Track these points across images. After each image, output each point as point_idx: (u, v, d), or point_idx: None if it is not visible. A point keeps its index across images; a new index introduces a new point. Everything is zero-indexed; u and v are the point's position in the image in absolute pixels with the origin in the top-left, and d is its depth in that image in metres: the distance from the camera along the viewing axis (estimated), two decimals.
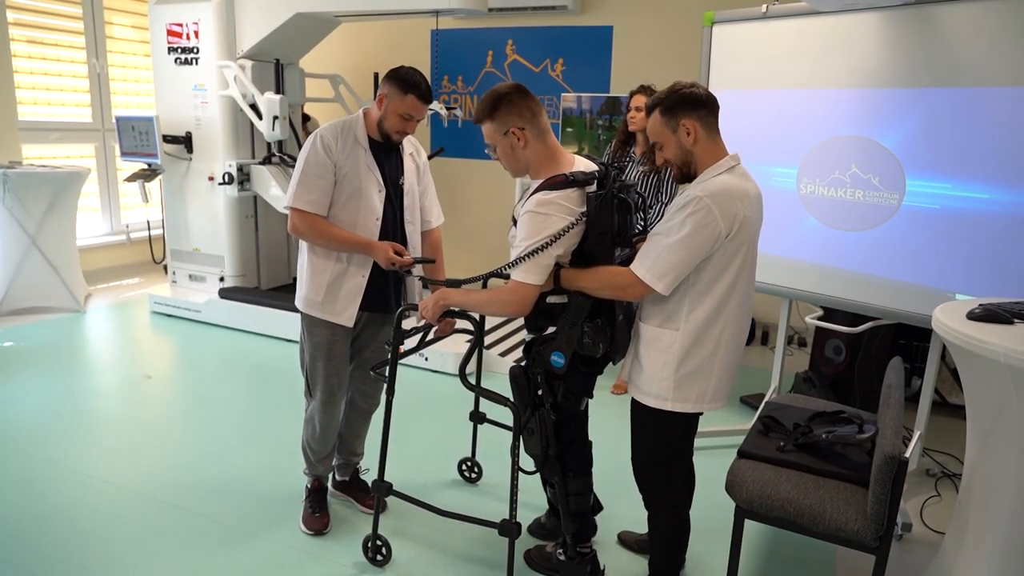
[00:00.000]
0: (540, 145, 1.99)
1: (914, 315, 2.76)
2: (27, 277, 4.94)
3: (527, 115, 1.96)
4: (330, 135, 2.36)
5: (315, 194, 2.35)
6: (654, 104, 1.90)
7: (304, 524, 2.60)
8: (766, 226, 3.22)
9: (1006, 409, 1.76)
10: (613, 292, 1.93)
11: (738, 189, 1.85)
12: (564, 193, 1.91)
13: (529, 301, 1.93)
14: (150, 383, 3.94)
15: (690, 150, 1.89)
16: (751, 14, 3.14)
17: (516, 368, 2.07)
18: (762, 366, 4.44)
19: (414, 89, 2.31)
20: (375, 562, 2.40)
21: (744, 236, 1.87)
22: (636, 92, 3.63)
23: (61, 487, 2.82)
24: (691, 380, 1.93)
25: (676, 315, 1.91)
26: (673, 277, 1.84)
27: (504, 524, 2.12)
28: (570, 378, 2.02)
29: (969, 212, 2.59)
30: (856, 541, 1.88)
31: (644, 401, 1.99)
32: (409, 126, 2.38)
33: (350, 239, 2.37)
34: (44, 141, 5.64)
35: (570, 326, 1.94)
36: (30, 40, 5.47)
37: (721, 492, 2.13)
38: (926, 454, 3.22)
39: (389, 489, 2.34)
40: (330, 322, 2.44)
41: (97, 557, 2.40)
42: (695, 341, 1.91)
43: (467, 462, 2.99)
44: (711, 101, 1.88)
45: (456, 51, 5.91)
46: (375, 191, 2.41)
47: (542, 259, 1.89)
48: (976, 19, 2.50)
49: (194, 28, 4.72)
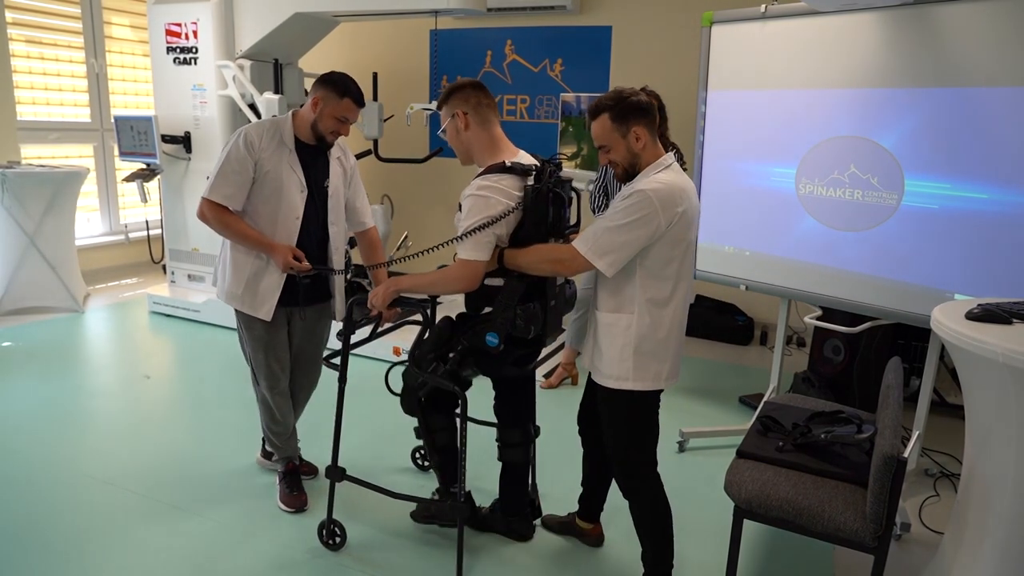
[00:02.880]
0: (483, 133, 2.18)
1: (913, 315, 2.77)
2: (26, 277, 4.93)
3: (472, 103, 2.17)
4: (255, 133, 2.46)
5: (231, 189, 2.44)
6: (601, 110, 2.03)
7: (283, 503, 2.69)
8: (765, 227, 3.25)
9: (1005, 409, 1.76)
10: (551, 266, 2.06)
11: (677, 186, 2.00)
12: (502, 178, 2.07)
13: (477, 276, 2.08)
14: (149, 383, 3.94)
15: (638, 153, 2.04)
16: (750, 14, 3.14)
17: (445, 320, 2.24)
18: (761, 366, 4.45)
19: (350, 93, 2.45)
20: (330, 546, 2.46)
21: (683, 230, 2.01)
22: None
23: (59, 487, 2.82)
24: (648, 360, 2.06)
25: (631, 300, 2.04)
26: (614, 258, 1.97)
27: (453, 503, 2.27)
28: (500, 356, 2.15)
29: (968, 212, 2.59)
30: (855, 541, 1.88)
31: (607, 384, 2.11)
32: (343, 128, 2.51)
33: (253, 237, 2.48)
34: (43, 141, 5.63)
35: (504, 308, 2.07)
36: (29, 40, 5.46)
37: (720, 492, 2.13)
38: (925, 454, 3.22)
39: (342, 474, 2.43)
40: None
41: (96, 557, 2.40)
42: (650, 323, 2.04)
43: (420, 450, 3.06)
44: (654, 108, 2.07)
45: (455, 51, 5.91)
46: (296, 191, 2.50)
47: (483, 237, 2.03)
48: (975, 19, 2.50)
49: (193, 28, 4.72)
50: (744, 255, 3.33)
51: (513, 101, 5.85)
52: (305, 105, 2.50)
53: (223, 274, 2.60)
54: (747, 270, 3.32)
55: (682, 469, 3.12)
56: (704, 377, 4.27)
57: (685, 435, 3.29)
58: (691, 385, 4.11)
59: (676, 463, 3.17)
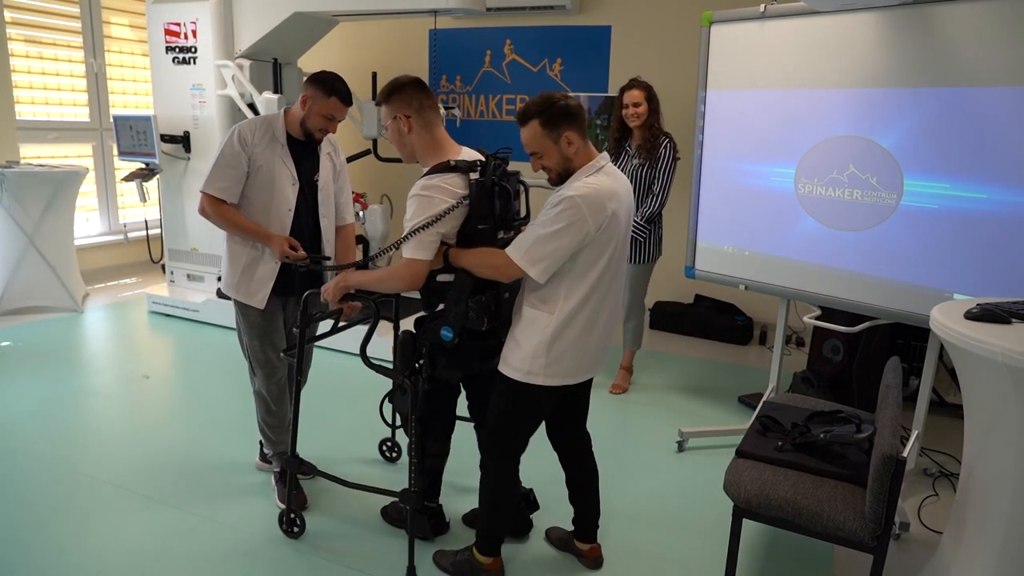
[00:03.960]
0: (426, 135, 2.21)
1: (912, 315, 2.77)
2: (25, 277, 4.93)
3: (415, 106, 2.19)
4: (248, 129, 2.56)
5: (225, 182, 2.55)
6: (530, 116, 2.05)
7: (283, 502, 2.69)
8: (765, 226, 3.25)
9: (1004, 408, 1.76)
10: (489, 271, 2.09)
11: (607, 189, 2.02)
12: (446, 177, 2.10)
13: (421, 275, 2.11)
14: (148, 383, 3.94)
15: (571, 157, 2.06)
16: (749, 14, 3.14)
17: (406, 334, 2.26)
18: (760, 366, 4.45)
19: (337, 92, 2.55)
20: (290, 534, 2.53)
21: (614, 231, 2.04)
22: (629, 88, 3.62)
23: (59, 487, 2.81)
24: (562, 358, 2.09)
25: (553, 299, 2.07)
26: (546, 265, 2.00)
27: (404, 493, 2.30)
28: (455, 351, 2.18)
29: (967, 212, 2.59)
30: (854, 540, 1.88)
31: (515, 376, 2.12)
32: (331, 126, 2.61)
33: (251, 228, 2.58)
34: (42, 141, 5.63)
35: (455, 302, 2.11)
36: (28, 39, 5.45)
37: (719, 492, 2.13)
38: (924, 454, 3.23)
39: (300, 464, 2.50)
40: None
41: (95, 557, 2.40)
42: (567, 323, 2.07)
43: (387, 442, 3.12)
44: (583, 112, 2.09)
45: (454, 51, 5.91)
46: (288, 184, 2.61)
47: (427, 236, 2.07)
48: (974, 19, 2.50)
49: (192, 27, 4.72)
50: (743, 255, 3.33)
51: (512, 101, 5.85)
52: (296, 103, 2.59)
53: (223, 266, 2.71)
54: (746, 270, 3.32)
55: (681, 469, 3.12)
56: (703, 377, 4.27)
57: (684, 435, 3.29)
58: (691, 385, 4.12)
59: (676, 463, 3.17)
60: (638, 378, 4.09)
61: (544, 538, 2.56)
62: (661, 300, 5.33)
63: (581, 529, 2.44)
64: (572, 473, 2.40)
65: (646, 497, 2.87)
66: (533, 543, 2.54)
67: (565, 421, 2.36)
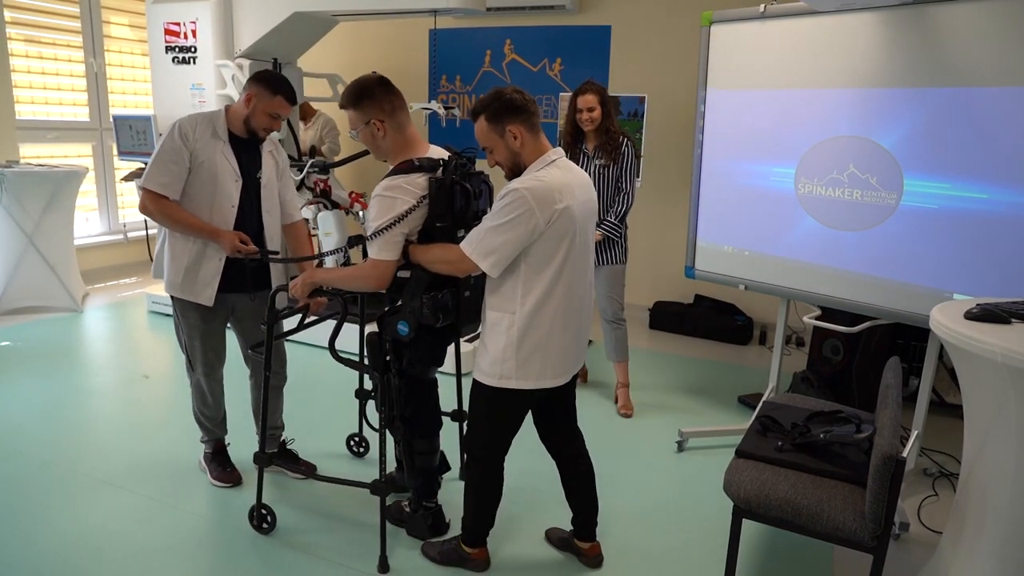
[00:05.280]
0: (399, 136, 2.23)
1: (912, 315, 2.77)
2: (24, 276, 4.93)
3: (387, 109, 2.20)
4: (188, 125, 2.56)
5: (167, 178, 2.53)
6: (478, 112, 2.06)
7: (219, 480, 2.82)
8: (765, 226, 3.25)
9: (1004, 409, 1.76)
10: (444, 266, 2.11)
11: (558, 182, 2.01)
12: (409, 178, 2.11)
13: (387, 276, 2.14)
14: (148, 382, 3.94)
15: (518, 151, 2.05)
16: (749, 14, 3.14)
17: (372, 335, 2.29)
18: (760, 366, 4.45)
19: (282, 91, 2.56)
20: (260, 529, 2.54)
21: (567, 224, 2.01)
22: (583, 92, 3.50)
23: (58, 487, 2.82)
24: (531, 360, 2.08)
25: (512, 300, 2.07)
26: (497, 258, 1.99)
27: (374, 484, 2.31)
28: (416, 346, 2.22)
29: (967, 212, 2.59)
30: (854, 541, 1.88)
31: (487, 381, 2.13)
32: (275, 124, 2.63)
33: (197, 225, 2.57)
34: (41, 140, 5.63)
35: (411, 297, 2.13)
36: (28, 39, 5.45)
37: (719, 492, 2.13)
38: (924, 454, 3.23)
39: (270, 459, 2.55)
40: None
41: (95, 557, 2.40)
42: (530, 323, 2.06)
43: (355, 437, 3.15)
44: (530, 106, 2.06)
45: (454, 50, 5.91)
46: (231, 180, 2.61)
47: (391, 237, 2.09)
48: (974, 19, 2.50)
49: (192, 27, 4.71)
50: (743, 255, 3.33)
51: None
52: (238, 101, 2.62)
53: (163, 265, 2.70)
54: (746, 270, 3.32)
55: (681, 469, 3.12)
56: (703, 377, 4.27)
57: (684, 435, 3.29)
58: (691, 385, 4.12)
59: (675, 463, 3.17)
60: (638, 378, 4.09)
61: (544, 539, 2.56)
62: (661, 300, 5.33)
63: (580, 528, 2.44)
64: (568, 473, 2.40)
65: (646, 497, 2.87)
66: (533, 544, 2.54)
67: (554, 423, 2.36)
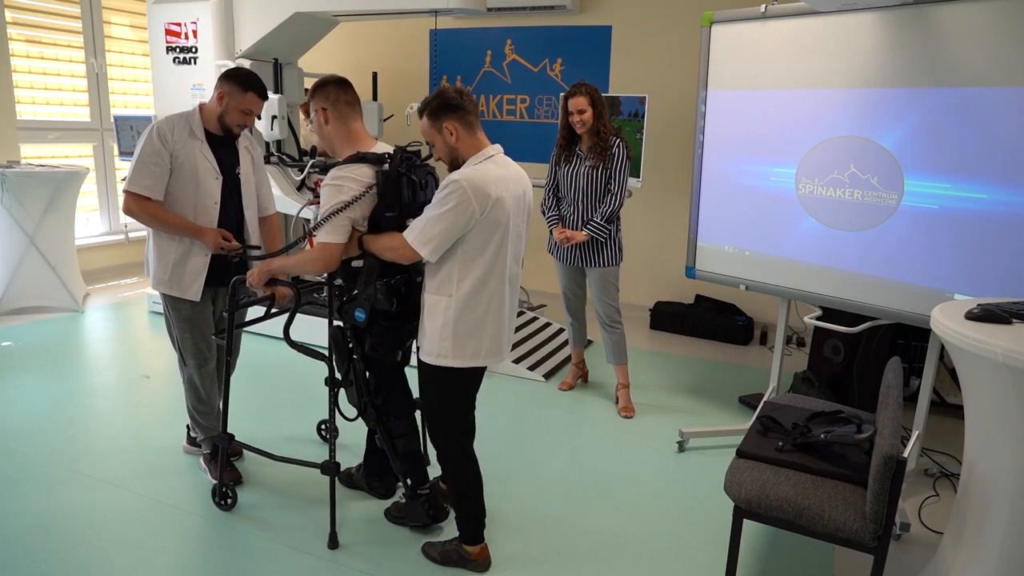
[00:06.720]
0: (341, 127, 2.38)
1: (913, 315, 2.76)
2: (25, 277, 4.93)
3: (331, 99, 2.37)
4: (166, 126, 2.62)
5: (149, 180, 2.59)
6: (422, 111, 2.20)
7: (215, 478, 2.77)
8: (765, 226, 3.25)
9: (1004, 409, 1.76)
10: (390, 254, 2.21)
11: (493, 175, 2.14)
12: (355, 167, 2.24)
13: (334, 258, 2.25)
14: (148, 383, 3.94)
15: (455, 147, 2.19)
16: (750, 14, 3.14)
17: (335, 328, 2.42)
18: (761, 366, 4.45)
19: (253, 88, 2.64)
20: (222, 507, 2.68)
21: (500, 214, 2.14)
22: (574, 95, 3.47)
23: (58, 487, 2.82)
24: (466, 339, 2.21)
25: (448, 283, 2.19)
26: (435, 244, 2.11)
27: (324, 464, 2.48)
28: (375, 331, 2.33)
29: (968, 212, 2.59)
30: (854, 541, 1.88)
31: (428, 360, 2.25)
32: (248, 120, 2.70)
33: (181, 224, 2.64)
34: (42, 141, 5.63)
35: (365, 285, 2.25)
36: (29, 40, 5.46)
37: (720, 492, 2.13)
38: (924, 454, 3.23)
39: (231, 439, 2.67)
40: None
41: (94, 558, 2.40)
42: (466, 305, 2.18)
43: (325, 424, 3.25)
44: (466, 104, 2.18)
45: (455, 51, 5.91)
46: (212, 178, 2.69)
47: (338, 221, 2.20)
48: (975, 19, 2.50)
49: (192, 27, 4.72)
50: (744, 255, 3.33)
51: (513, 101, 5.85)
52: (211, 99, 2.69)
53: (149, 262, 2.76)
54: (747, 270, 3.32)
55: (682, 469, 3.12)
56: (704, 377, 4.27)
57: (685, 435, 3.29)
58: (691, 385, 4.12)
59: (676, 463, 3.17)
60: (638, 378, 4.09)
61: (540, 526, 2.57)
62: (662, 300, 5.33)
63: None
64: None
65: (646, 497, 2.87)
66: (532, 541, 2.55)
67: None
